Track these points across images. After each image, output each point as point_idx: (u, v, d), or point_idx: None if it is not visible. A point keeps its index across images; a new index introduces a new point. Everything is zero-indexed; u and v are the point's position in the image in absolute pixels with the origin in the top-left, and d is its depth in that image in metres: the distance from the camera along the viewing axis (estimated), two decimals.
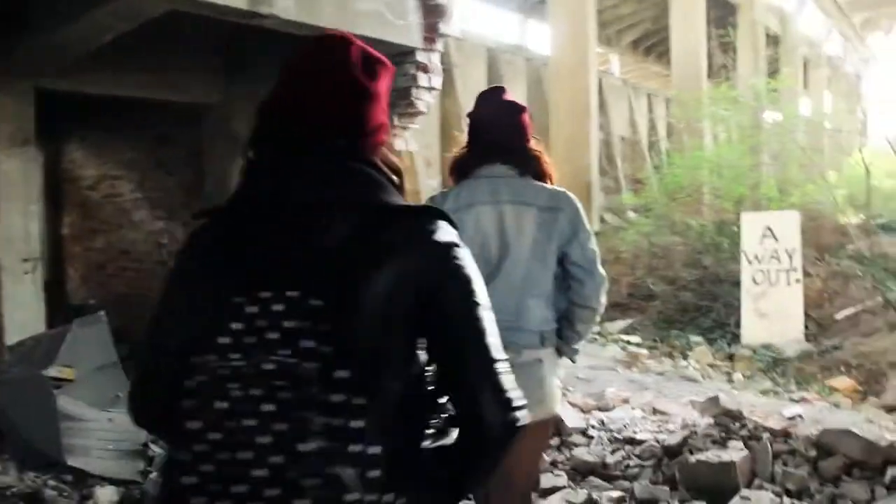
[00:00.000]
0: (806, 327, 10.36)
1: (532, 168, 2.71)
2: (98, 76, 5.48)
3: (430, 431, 1.36)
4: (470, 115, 2.85)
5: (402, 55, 5.50)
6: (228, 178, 6.26)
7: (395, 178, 1.41)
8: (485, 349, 1.32)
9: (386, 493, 1.23)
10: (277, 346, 1.22)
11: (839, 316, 10.59)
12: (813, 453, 3.96)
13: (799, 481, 3.68)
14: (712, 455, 3.79)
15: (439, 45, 5.66)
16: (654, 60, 26.39)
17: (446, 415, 1.37)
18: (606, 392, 5.61)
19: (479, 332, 1.32)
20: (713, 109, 16.03)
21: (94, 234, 8.23)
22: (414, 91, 5.58)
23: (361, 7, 4.85)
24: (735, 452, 3.83)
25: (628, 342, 9.42)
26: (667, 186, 14.38)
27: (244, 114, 6.24)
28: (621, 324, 10.31)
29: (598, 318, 2.81)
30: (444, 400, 1.36)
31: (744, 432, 4.23)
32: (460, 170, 2.80)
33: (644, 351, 8.94)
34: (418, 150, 14.96)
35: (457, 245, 1.35)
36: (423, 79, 5.60)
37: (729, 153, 14.87)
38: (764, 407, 5.79)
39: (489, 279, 2.15)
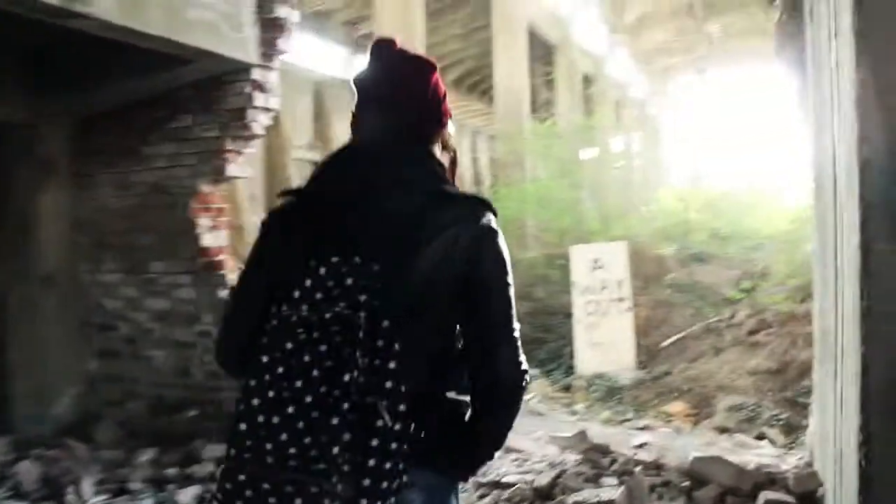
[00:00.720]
0: (637, 355, 10.64)
1: None
2: None
3: (455, 386, 1.65)
4: None
5: (237, 72, 5.04)
6: (36, 209, 5.49)
7: (449, 163, 1.75)
8: (508, 320, 1.61)
9: (410, 426, 1.48)
10: (338, 300, 1.51)
11: (666, 343, 10.95)
12: (686, 483, 3.84)
13: None
14: (589, 495, 3.57)
15: (277, 63, 5.25)
16: (477, 97, 26.95)
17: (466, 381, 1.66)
18: None
19: (506, 306, 1.61)
20: (536, 145, 16.44)
21: None
22: (249, 112, 5.11)
23: (193, 15, 4.36)
24: (611, 490, 3.63)
25: None
26: None
27: (57, 135, 5.54)
28: None
29: None
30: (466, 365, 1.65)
31: (615, 467, 4.06)
32: None
33: None
34: (241, 184, 14.30)
35: (496, 231, 1.62)
36: (259, 98, 5.15)
37: (552, 187, 15.26)
38: (612, 437, 5.72)
39: None
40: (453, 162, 1.77)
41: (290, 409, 1.45)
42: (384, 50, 1.73)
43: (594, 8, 23.49)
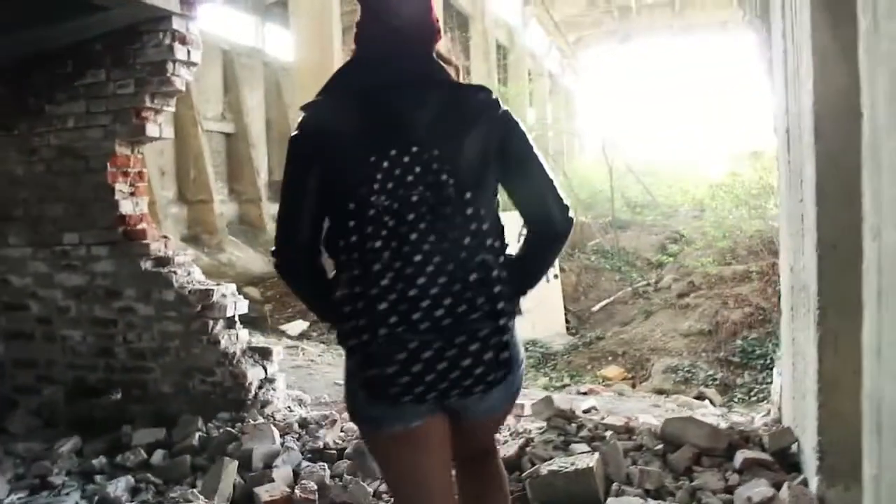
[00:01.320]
0: (567, 321, 10.56)
1: None
2: None
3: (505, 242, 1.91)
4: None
5: (155, 21, 4.59)
6: None
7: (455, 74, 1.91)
8: (545, 172, 1.91)
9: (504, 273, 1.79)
10: (415, 185, 1.72)
11: (596, 308, 10.93)
12: (660, 446, 3.66)
13: (656, 479, 3.35)
14: (564, 463, 3.33)
15: (198, 12, 4.80)
16: None
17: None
18: None
19: (539, 163, 1.91)
20: None
21: None
22: (170, 65, 4.65)
23: None
24: (586, 457, 3.41)
25: None
26: None
27: None
28: None
29: None
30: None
31: (583, 433, 3.85)
32: None
33: None
34: (151, 158, 13.56)
35: (510, 111, 1.89)
36: (180, 51, 4.69)
37: None
38: (559, 403, 5.56)
39: None
40: (457, 72, 1.93)
41: (421, 281, 1.67)
42: None
43: None
